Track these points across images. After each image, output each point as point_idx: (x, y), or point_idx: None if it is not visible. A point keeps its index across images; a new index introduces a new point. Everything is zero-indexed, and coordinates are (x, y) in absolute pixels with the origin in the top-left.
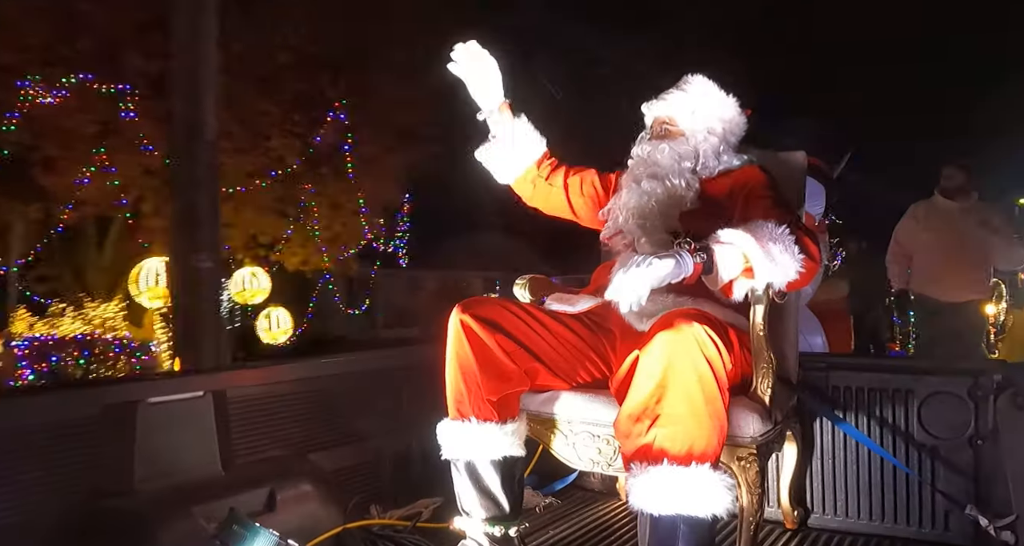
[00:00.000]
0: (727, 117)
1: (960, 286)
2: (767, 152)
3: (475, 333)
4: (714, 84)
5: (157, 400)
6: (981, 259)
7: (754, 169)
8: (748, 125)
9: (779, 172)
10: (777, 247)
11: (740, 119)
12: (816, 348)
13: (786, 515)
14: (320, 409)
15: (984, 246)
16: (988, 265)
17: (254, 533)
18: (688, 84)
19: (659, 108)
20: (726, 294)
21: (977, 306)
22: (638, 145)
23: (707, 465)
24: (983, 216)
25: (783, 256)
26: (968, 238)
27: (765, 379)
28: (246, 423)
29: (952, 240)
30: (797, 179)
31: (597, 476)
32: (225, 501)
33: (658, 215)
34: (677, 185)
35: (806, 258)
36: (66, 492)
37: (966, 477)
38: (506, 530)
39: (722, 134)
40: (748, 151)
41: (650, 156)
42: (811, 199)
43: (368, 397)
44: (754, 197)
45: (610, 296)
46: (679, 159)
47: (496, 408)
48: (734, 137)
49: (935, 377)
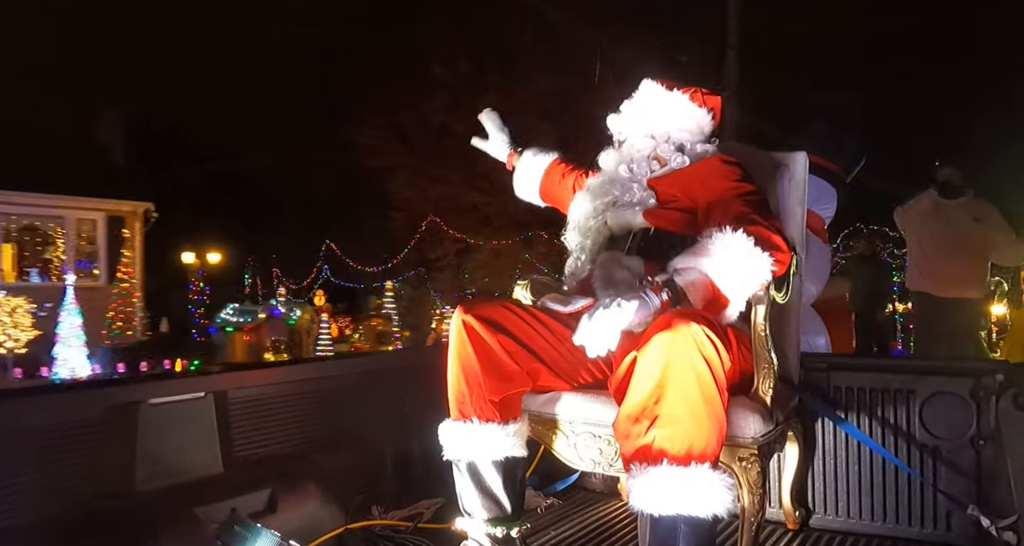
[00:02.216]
0: (685, 117)
1: (956, 282)
2: (762, 152)
3: (477, 333)
4: (673, 88)
5: (159, 401)
6: (977, 256)
7: (713, 160)
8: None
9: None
10: (737, 256)
11: (702, 116)
12: (819, 349)
13: (788, 515)
14: (321, 410)
15: (981, 243)
16: (985, 262)
17: (255, 534)
18: (643, 93)
19: (620, 120)
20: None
21: (974, 303)
22: (604, 155)
23: (707, 465)
24: (978, 212)
25: (746, 263)
26: (964, 235)
27: (766, 379)
28: (247, 424)
29: (948, 237)
30: (799, 180)
31: (598, 476)
32: (226, 502)
33: (615, 264)
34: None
35: (773, 251)
36: (68, 493)
37: (968, 477)
38: (507, 531)
39: (680, 135)
40: (729, 147)
41: (611, 183)
42: (822, 201)
43: (370, 398)
44: (715, 190)
45: (579, 343)
46: (633, 177)
47: (498, 408)
48: (690, 134)
49: (937, 377)
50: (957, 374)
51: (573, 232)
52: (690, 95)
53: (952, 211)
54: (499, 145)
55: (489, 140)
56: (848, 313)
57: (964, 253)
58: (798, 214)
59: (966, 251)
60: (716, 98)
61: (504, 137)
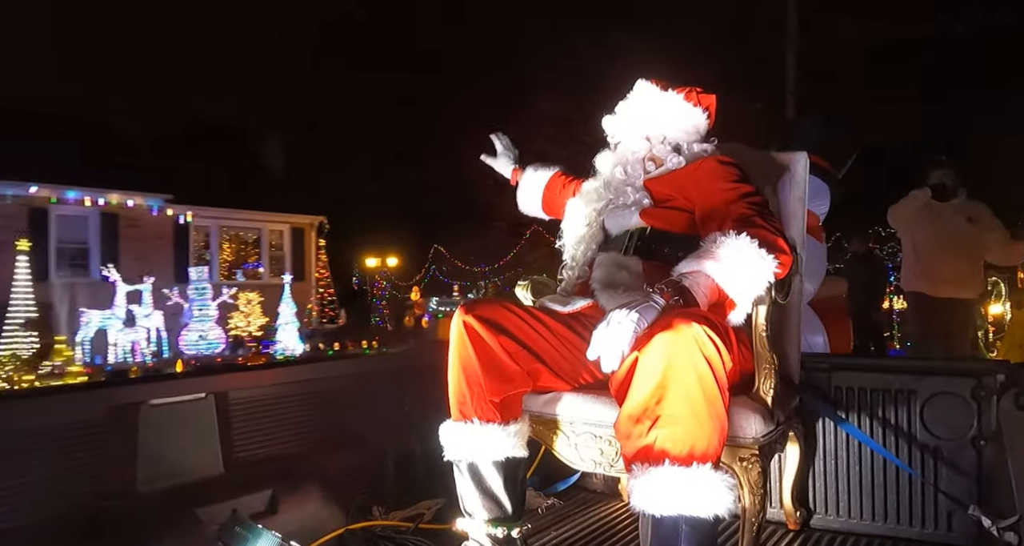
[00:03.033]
0: (680, 116)
1: (951, 283)
2: (762, 152)
3: (478, 334)
4: (668, 88)
5: (160, 402)
6: (972, 256)
7: (710, 161)
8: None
9: (778, 172)
10: (742, 259)
11: (698, 116)
12: (817, 348)
13: (788, 516)
14: (322, 410)
15: (975, 243)
16: (979, 262)
17: (256, 534)
18: (639, 93)
19: (614, 121)
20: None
21: (968, 304)
22: (601, 157)
23: (708, 465)
24: (971, 213)
25: (751, 266)
26: (958, 236)
27: (767, 379)
28: (248, 424)
29: (942, 238)
30: (799, 180)
31: (599, 477)
32: (227, 502)
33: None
34: (627, 213)
35: (777, 253)
36: (69, 493)
37: (969, 478)
38: (508, 531)
39: (676, 135)
40: (729, 147)
41: (605, 186)
42: (816, 198)
43: (371, 398)
44: (713, 191)
45: (593, 357)
46: (627, 179)
47: (499, 409)
48: (686, 134)
49: (938, 378)
50: (958, 374)
51: (569, 238)
52: (685, 95)
53: (945, 212)
54: (505, 162)
55: (497, 157)
56: (845, 312)
57: (959, 254)
58: (799, 214)
59: (960, 252)
60: (711, 97)
61: (510, 155)
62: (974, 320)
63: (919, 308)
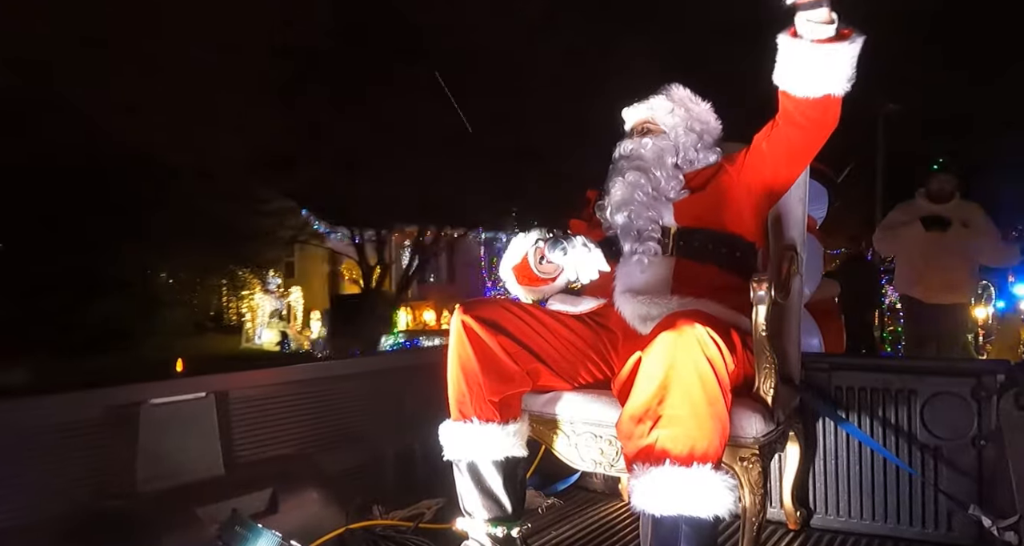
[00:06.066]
0: (703, 119)
1: (944, 288)
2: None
3: (477, 334)
4: (689, 90)
5: (160, 401)
6: (965, 260)
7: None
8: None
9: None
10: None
11: (716, 124)
12: (813, 349)
13: (789, 516)
14: (322, 410)
15: (968, 247)
16: (973, 266)
17: (256, 534)
18: (666, 89)
19: (639, 111)
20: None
21: (962, 309)
22: (620, 145)
23: (709, 466)
24: (964, 216)
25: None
26: (952, 240)
27: (767, 379)
28: (248, 424)
29: (935, 242)
30: (799, 181)
31: (599, 477)
32: (228, 502)
33: (643, 205)
34: (660, 177)
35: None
36: (69, 493)
37: (969, 478)
38: (508, 531)
39: (700, 132)
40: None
41: (633, 151)
42: (814, 201)
43: (371, 398)
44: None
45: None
46: (661, 152)
47: (498, 409)
48: (710, 137)
49: (938, 377)
50: (958, 374)
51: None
52: (710, 105)
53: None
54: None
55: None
56: (838, 314)
57: (952, 259)
58: (799, 215)
59: (954, 257)
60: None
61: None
62: (966, 324)
63: (912, 313)
